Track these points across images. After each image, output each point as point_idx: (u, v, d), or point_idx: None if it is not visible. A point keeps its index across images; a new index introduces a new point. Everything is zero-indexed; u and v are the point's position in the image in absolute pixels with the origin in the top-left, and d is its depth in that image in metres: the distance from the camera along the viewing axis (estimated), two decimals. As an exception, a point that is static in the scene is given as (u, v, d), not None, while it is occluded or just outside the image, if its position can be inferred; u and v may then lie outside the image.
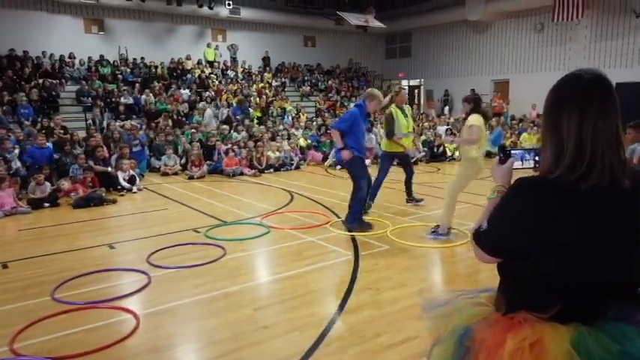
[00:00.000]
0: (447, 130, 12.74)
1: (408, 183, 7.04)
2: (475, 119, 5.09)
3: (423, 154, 11.21)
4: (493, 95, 19.69)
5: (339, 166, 10.75)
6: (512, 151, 1.64)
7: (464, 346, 1.46)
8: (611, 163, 1.27)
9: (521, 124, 15.97)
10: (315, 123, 14.26)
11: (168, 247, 5.18)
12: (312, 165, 11.42)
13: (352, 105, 5.79)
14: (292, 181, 9.39)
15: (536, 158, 1.63)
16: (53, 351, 3.06)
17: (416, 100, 25.95)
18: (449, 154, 11.50)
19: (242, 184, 9.24)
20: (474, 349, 1.41)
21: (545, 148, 1.38)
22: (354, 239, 5.32)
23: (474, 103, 5.21)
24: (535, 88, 19.89)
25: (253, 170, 10.09)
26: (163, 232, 5.88)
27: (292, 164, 10.68)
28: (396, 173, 9.44)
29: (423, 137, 11.95)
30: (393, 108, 6.44)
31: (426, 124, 13.21)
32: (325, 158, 11.39)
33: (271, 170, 10.31)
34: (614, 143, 1.29)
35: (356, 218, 5.64)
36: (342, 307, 3.64)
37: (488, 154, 11.94)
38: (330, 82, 23.58)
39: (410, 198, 7.08)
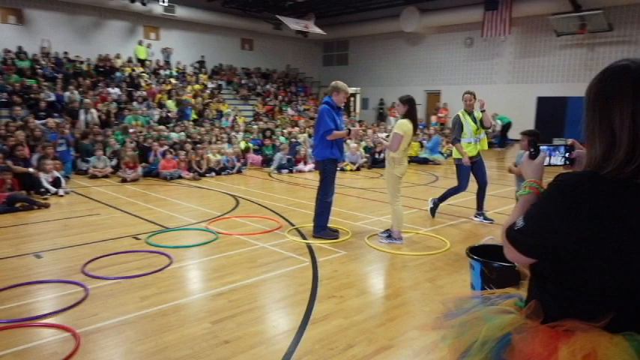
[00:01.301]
0: (387, 136, 12.89)
1: (479, 195, 6.30)
2: (400, 126, 5.06)
3: (365, 159, 11.24)
4: (441, 106, 20.36)
5: (284, 170, 10.54)
6: (542, 147, 1.53)
7: (500, 358, 1.31)
8: None
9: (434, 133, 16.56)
10: (257, 126, 13.94)
11: (105, 256, 4.71)
12: (253, 169, 11.09)
13: (321, 104, 5.48)
14: (235, 185, 9.03)
15: (567, 155, 1.53)
16: (-25, 380, 2.59)
17: (352, 108, 26.30)
18: (390, 160, 11.62)
19: (181, 188, 8.74)
20: (518, 357, 1.26)
21: (592, 143, 1.26)
22: (309, 246, 5.12)
23: (409, 105, 5.18)
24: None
25: (192, 173, 9.59)
26: (98, 239, 5.35)
27: (233, 168, 10.28)
28: (352, 179, 9.40)
29: (363, 143, 12.00)
30: (460, 113, 6.14)
31: (369, 131, 13.30)
32: (266, 161, 11.10)
33: (212, 174, 9.86)
34: None
35: (323, 226, 5.43)
36: (307, 317, 3.42)
37: (425, 161, 12.26)
38: (267, 86, 23.30)
39: (478, 212, 6.33)
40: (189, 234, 5.62)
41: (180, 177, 9.52)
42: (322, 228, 5.43)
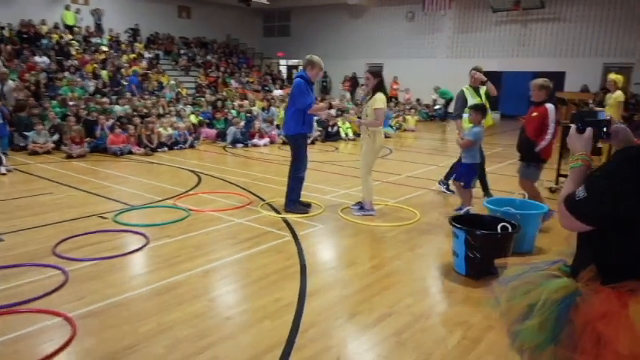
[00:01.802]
0: (337, 110, 12.98)
1: (480, 176, 6.00)
2: (381, 101, 5.17)
3: (319, 133, 11.28)
4: (393, 80, 20.59)
5: (239, 145, 10.36)
6: (590, 121, 1.64)
7: (564, 318, 1.43)
8: None
9: (397, 107, 16.96)
10: (203, 99, 13.51)
11: (75, 236, 4.48)
12: (206, 143, 10.81)
13: (294, 76, 5.41)
14: (191, 160, 8.78)
15: (605, 129, 1.65)
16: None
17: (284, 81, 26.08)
18: (342, 133, 11.74)
19: (134, 164, 8.38)
20: (579, 319, 1.38)
21: None
22: (285, 220, 5.14)
23: (380, 78, 5.26)
24: (407, 74, 21.42)
25: (144, 149, 9.20)
26: (59, 219, 5.06)
27: (186, 142, 9.97)
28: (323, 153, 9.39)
29: (316, 117, 12.00)
30: (465, 88, 6.06)
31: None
32: (219, 135, 10.85)
33: (165, 149, 9.51)
34: None
35: (294, 200, 5.44)
36: (303, 290, 3.48)
37: (377, 134, 12.50)
38: (208, 57, 22.51)
39: (485, 192, 6.10)
40: (157, 211, 5.45)
41: (130, 152, 9.11)
42: (293, 202, 5.46)
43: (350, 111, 12.92)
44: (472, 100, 5.93)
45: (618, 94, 8.06)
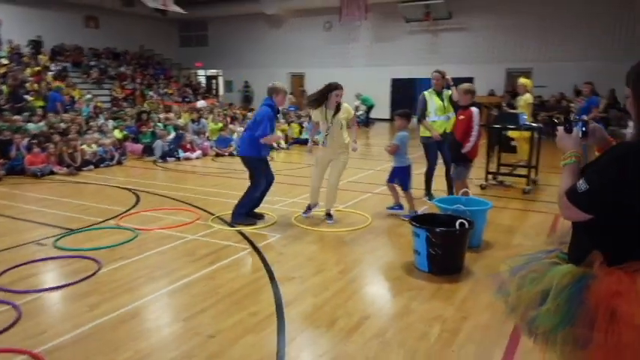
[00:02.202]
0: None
1: (428, 176, 6.44)
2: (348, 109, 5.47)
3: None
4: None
5: (170, 158, 10.01)
6: (574, 123, 1.84)
7: (578, 300, 1.59)
8: None
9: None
10: (124, 112, 12.89)
11: (15, 267, 4.11)
12: (134, 159, 10.32)
13: (261, 105, 5.44)
14: (122, 178, 8.35)
15: (583, 129, 1.85)
16: None
17: (214, 92, 25.65)
18: (274, 143, 11.75)
19: (60, 185, 7.80)
20: (595, 299, 1.55)
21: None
22: (241, 232, 5.08)
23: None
24: (325, 82, 21.85)
25: (67, 168, 8.60)
26: (-10, 249, 4.62)
27: (113, 159, 9.46)
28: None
29: (240, 128, 11.89)
30: (427, 92, 6.14)
31: (249, 113, 13.22)
32: (146, 150, 10.41)
33: (91, 167, 8.95)
34: None
35: (242, 214, 5.39)
36: (279, 300, 3.47)
37: (307, 142, 12.63)
38: (122, 68, 21.50)
39: (427, 192, 6.45)
40: (101, 233, 5.14)
41: (52, 172, 8.48)
42: (240, 215, 5.43)
43: (280, 120, 12.95)
44: (433, 103, 6.18)
45: (528, 97, 8.81)
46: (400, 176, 5.60)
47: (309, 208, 5.67)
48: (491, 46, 18.66)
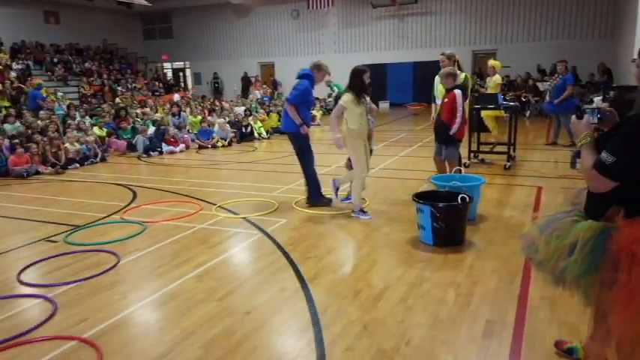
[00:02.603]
0: (245, 111, 13.05)
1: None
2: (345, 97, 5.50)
3: (233, 135, 11.30)
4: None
5: (154, 152, 10.02)
6: (586, 109, 2.13)
7: (603, 248, 1.89)
8: None
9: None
10: (102, 109, 12.72)
11: (36, 262, 4.21)
12: (117, 155, 10.27)
13: (298, 77, 5.59)
14: (110, 174, 8.35)
15: (599, 116, 2.13)
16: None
17: (182, 84, 25.34)
18: (256, 133, 11.88)
19: (49, 185, 7.75)
20: (617, 246, 1.84)
21: None
22: (247, 219, 5.27)
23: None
24: (297, 70, 21.91)
25: (52, 167, 8.52)
26: (1, 249, 4.66)
27: (97, 156, 9.40)
28: (230, 155, 9.38)
29: (227, 119, 11.98)
30: (438, 74, 6.27)
31: (226, 104, 13.24)
32: (130, 146, 10.37)
33: (76, 165, 8.88)
34: None
35: (317, 193, 5.63)
36: (301, 278, 3.71)
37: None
38: (87, 64, 20.99)
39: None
40: (108, 228, 5.24)
41: (37, 172, 8.39)
42: (316, 195, 5.66)
43: (259, 110, 13.07)
44: (438, 86, 6.31)
45: (497, 78, 9.22)
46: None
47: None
48: (457, 28, 19.16)
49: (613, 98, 9.29)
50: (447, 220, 4.18)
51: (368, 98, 5.30)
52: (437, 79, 6.45)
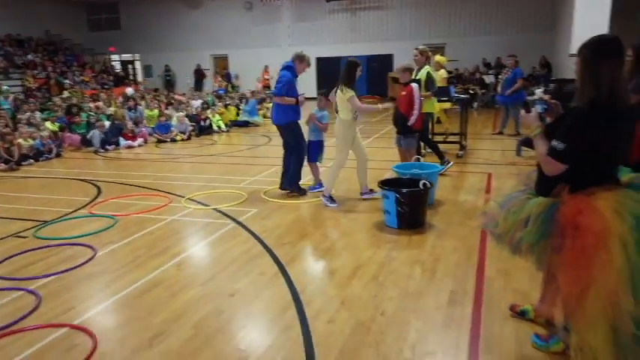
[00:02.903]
0: (203, 104, 13.02)
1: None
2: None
3: (192, 128, 11.27)
4: (264, 69, 20.65)
5: (110, 147, 9.88)
6: (533, 105, 2.48)
7: (552, 220, 2.24)
8: (626, 93, 2.23)
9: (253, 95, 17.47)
10: (54, 102, 12.33)
11: (9, 258, 4.21)
12: (72, 150, 10.04)
13: (282, 69, 5.77)
14: (70, 169, 8.20)
15: (545, 107, 2.48)
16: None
17: (131, 77, 24.70)
18: (215, 126, 11.91)
19: (6, 181, 7.51)
20: (564, 218, 2.19)
21: (586, 87, 2.20)
22: (218, 210, 5.42)
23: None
24: (252, 63, 21.93)
25: (6, 164, 8.27)
26: (-33, 247, 4.61)
27: (51, 152, 9.18)
28: (191, 149, 9.43)
29: (184, 113, 11.91)
30: (428, 70, 6.82)
31: (183, 98, 13.12)
32: (84, 140, 10.16)
33: (30, 161, 8.65)
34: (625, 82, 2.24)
35: (296, 182, 5.81)
36: (278, 262, 3.94)
37: (246, 124, 12.92)
38: (29, 56, 20.09)
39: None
40: (77, 223, 5.25)
41: (-11, 169, 8.13)
42: (294, 184, 5.87)
43: (217, 103, 13.06)
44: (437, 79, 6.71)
45: (442, 72, 9.70)
46: (315, 149, 6.05)
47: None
48: (408, 23, 19.73)
49: (553, 90, 10.04)
50: (411, 205, 4.52)
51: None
52: (430, 73, 6.86)
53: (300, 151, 5.83)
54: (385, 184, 4.71)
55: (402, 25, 19.80)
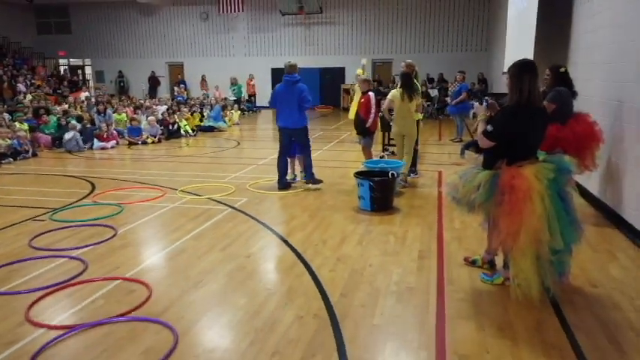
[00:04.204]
0: (168, 109, 13.54)
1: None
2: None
3: (161, 132, 11.81)
4: (249, 77, 21.04)
5: (83, 147, 10.28)
6: (486, 100, 3.55)
7: (495, 184, 3.29)
8: (540, 99, 3.35)
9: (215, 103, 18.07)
10: (24, 104, 12.44)
11: (43, 233, 4.84)
12: (45, 150, 10.35)
13: (294, 82, 6.48)
14: (55, 167, 8.61)
15: (486, 104, 3.58)
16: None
17: (81, 82, 24.44)
18: (182, 130, 12.49)
19: (-12, 177, 7.87)
20: (503, 182, 3.25)
21: (514, 94, 3.31)
22: (212, 199, 6.19)
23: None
24: (210, 71, 22.48)
25: (-13, 162, 8.56)
26: (-10, 229, 5.13)
27: (28, 152, 9.49)
28: (176, 149, 10.00)
29: (151, 117, 12.40)
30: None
31: (148, 103, 13.54)
32: (55, 140, 10.50)
33: (10, 160, 8.95)
34: (539, 90, 3.37)
35: (312, 173, 6.70)
36: (280, 236, 4.80)
37: (211, 129, 13.58)
38: (-24, 59, 19.62)
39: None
40: (85, 210, 5.83)
41: (-31, 167, 8.38)
42: (311, 175, 6.73)
43: (183, 109, 13.63)
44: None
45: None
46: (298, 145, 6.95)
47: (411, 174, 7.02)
48: (359, 38, 21.10)
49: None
50: (382, 191, 5.53)
51: None
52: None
53: (309, 147, 6.71)
54: (360, 174, 5.70)
55: (352, 40, 21.13)
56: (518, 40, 9.88)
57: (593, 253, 4.22)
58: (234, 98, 19.09)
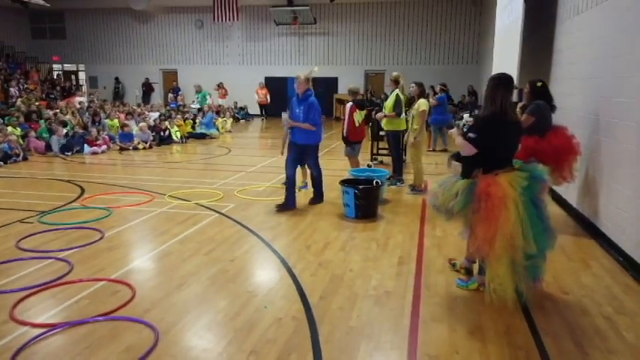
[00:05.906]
0: (160, 116, 13.62)
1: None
2: (424, 104, 7.01)
3: (152, 138, 11.89)
4: (259, 86, 21.07)
5: (68, 153, 10.33)
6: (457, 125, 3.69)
7: (472, 192, 3.42)
8: (513, 111, 3.49)
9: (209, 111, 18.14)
10: (18, 107, 12.49)
11: (30, 235, 4.87)
12: (37, 155, 10.39)
13: (304, 97, 6.16)
14: (45, 171, 8.65)
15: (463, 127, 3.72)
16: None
17: (74, 87, 24.46)
18: (174, 137, 12.57)
19: (-22, 180, 7.91)
20: (479, 190, 3.38)
21: (489, 104, 3.45)
22: (200, 204, 6.27)
23: (422, 87, 7.21)
24: (202, 78, 22.59)
25: (-23, 165, 8.59)
26: (-23, 230, 5.18)
27: (19, 156, 9.53)
28: (168, 155, 10.03)
29: (143, 123, 12.48)
30: (397, 93, 7.55)
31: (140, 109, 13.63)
32: (48, 146, 10.54)
33: (0, 163, 8.99)
34: (513, 103, 3.51)
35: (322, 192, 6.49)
36: (263, 240, 4.90)
37: (203, 136, 13.67)
38: (-32, 62, 19.63)
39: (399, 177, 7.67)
40: (74, 213, 5.90)
41: (-40, 169, 8.41)
42: (321, 195, 6.45)
43: (177, 116, 13.71)
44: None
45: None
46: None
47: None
48: (351, 49, 21.35)
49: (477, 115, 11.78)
50: (367, 199, 5.64)
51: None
52: (399, 95, 7.62)
53: (319, 164, 6.41)
54: (345, 182, 5.81)
55: (345, 51, 21.37)
56: (505, 54, 10.10)
57: (568, 262, 4.35)
58: (198, 107, 17.28)
